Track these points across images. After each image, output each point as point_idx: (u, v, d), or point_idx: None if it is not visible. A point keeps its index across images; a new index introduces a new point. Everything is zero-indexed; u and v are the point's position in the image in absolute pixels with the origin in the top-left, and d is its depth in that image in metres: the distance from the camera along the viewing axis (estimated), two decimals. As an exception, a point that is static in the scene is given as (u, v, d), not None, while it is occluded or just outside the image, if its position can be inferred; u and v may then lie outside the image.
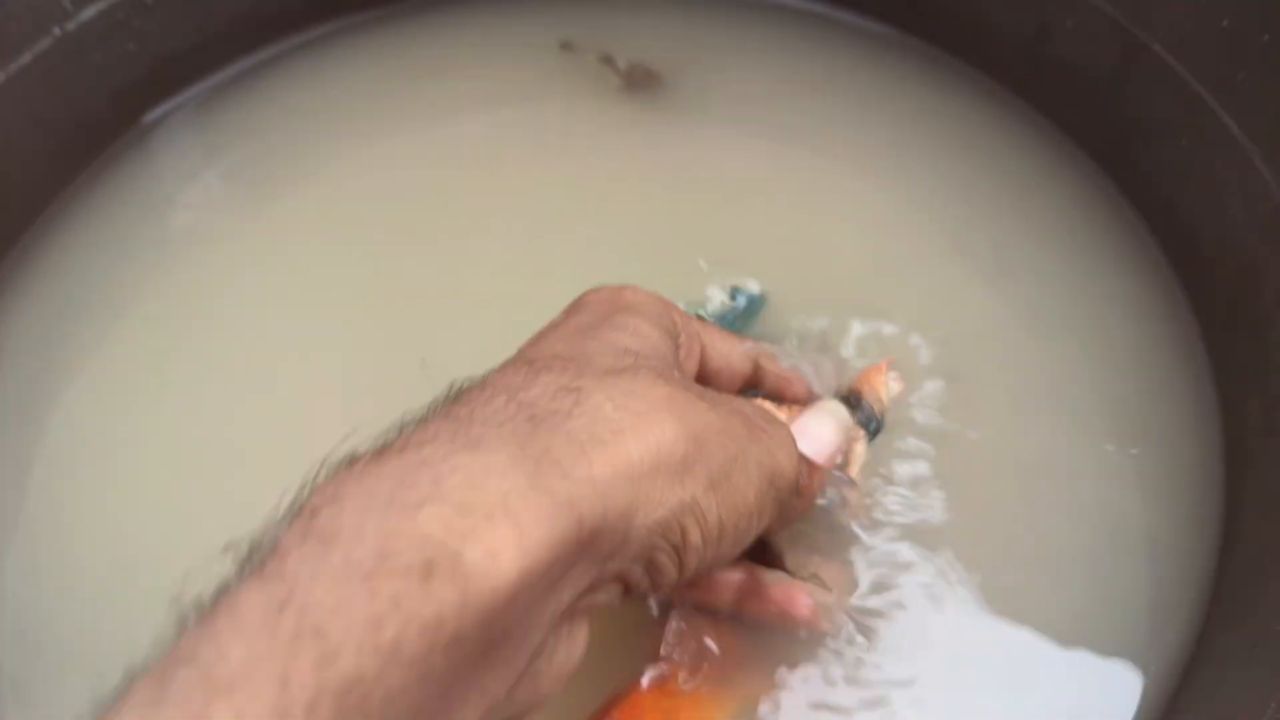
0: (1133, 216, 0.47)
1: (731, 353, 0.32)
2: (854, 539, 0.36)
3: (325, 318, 0.45)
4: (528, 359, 0.25)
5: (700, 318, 0.35)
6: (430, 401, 0.24)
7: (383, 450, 0.21)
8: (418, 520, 0.18)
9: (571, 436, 0.22)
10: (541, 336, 0.28)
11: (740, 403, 0.27)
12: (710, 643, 0.32)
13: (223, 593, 0.18)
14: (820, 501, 0.32)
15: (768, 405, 0.33)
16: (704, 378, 0.31)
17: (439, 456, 0.20)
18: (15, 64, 0.45)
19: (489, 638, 0.19)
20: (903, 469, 0.39)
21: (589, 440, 0.22)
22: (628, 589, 0.24)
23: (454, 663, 0.18)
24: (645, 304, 0.29)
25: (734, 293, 0.44)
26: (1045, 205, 0.48)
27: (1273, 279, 0.38)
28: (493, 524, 0.19)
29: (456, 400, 0.23)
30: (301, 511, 0.19)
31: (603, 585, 0.23)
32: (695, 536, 0.24)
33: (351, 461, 0.20)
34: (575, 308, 0.29)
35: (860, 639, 0.35)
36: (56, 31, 0.46)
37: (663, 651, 0.31)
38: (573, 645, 0.23)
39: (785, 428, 0.28)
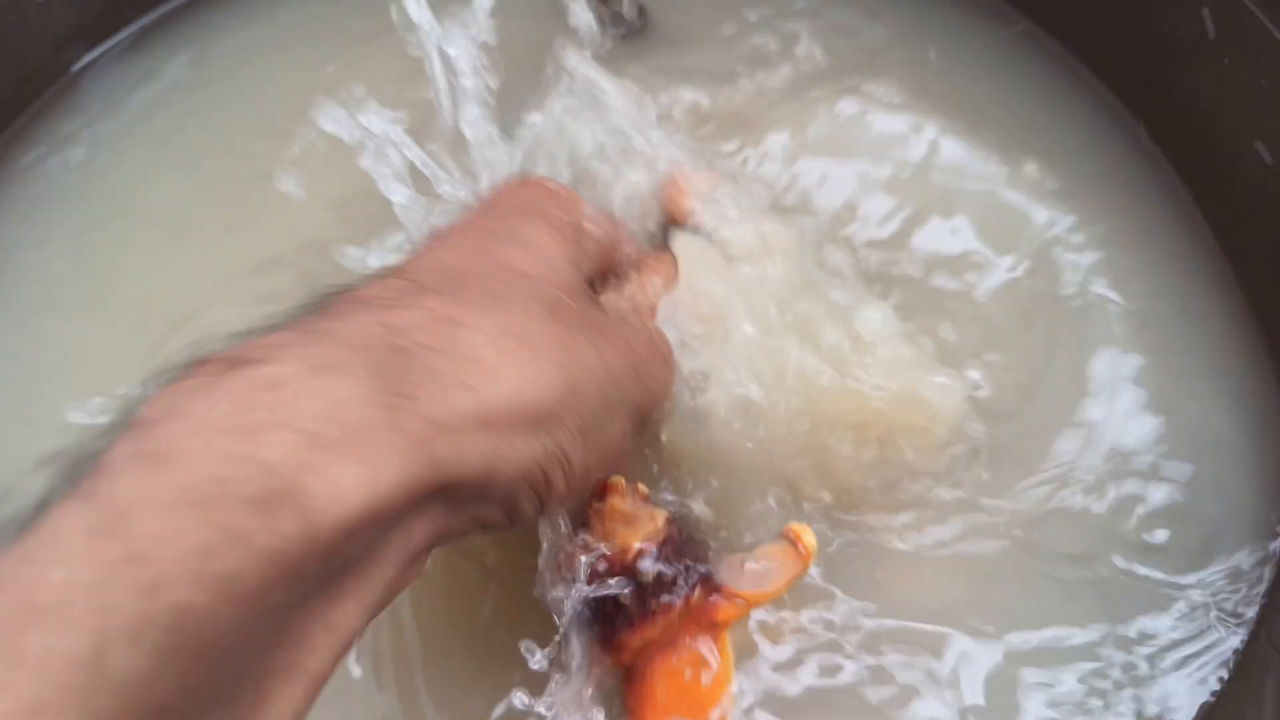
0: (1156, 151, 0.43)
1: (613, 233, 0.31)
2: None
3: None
4: (412, 273, 0.24)
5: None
6: (288, 308, 0.22)
7: (226, 360, 0.19)
8: (261, 446, 0.17)
9: (438, 376, 0.21)
10: (439, 238, 0.27)
11: (631, 331, 0.27)
12: None
13: (43, 511, 0.17)
14: None
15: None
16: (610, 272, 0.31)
17: (288, 377, 0.18)
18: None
19: (330, 572, 0.18)
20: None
21: (456, 383, 0.21)
22: (484, 527, 0.24)
23: (294, 596, 0.18)
24: (552, 206, 0.28)
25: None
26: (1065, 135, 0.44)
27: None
28: (343, 458, 0.18)
29: (316, 310, 0.22)
30: (132, 425, 0.18)
31: (460, 525, 0.23)
32: (559, 482, 0.24)
33: (190, 370, 0.19)
34: (486, 203, 0.28)
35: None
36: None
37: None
38: (417, 569, 0.23)
39: (666, 345, 0.28)
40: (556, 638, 0.28)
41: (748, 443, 0.31)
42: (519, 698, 0.29)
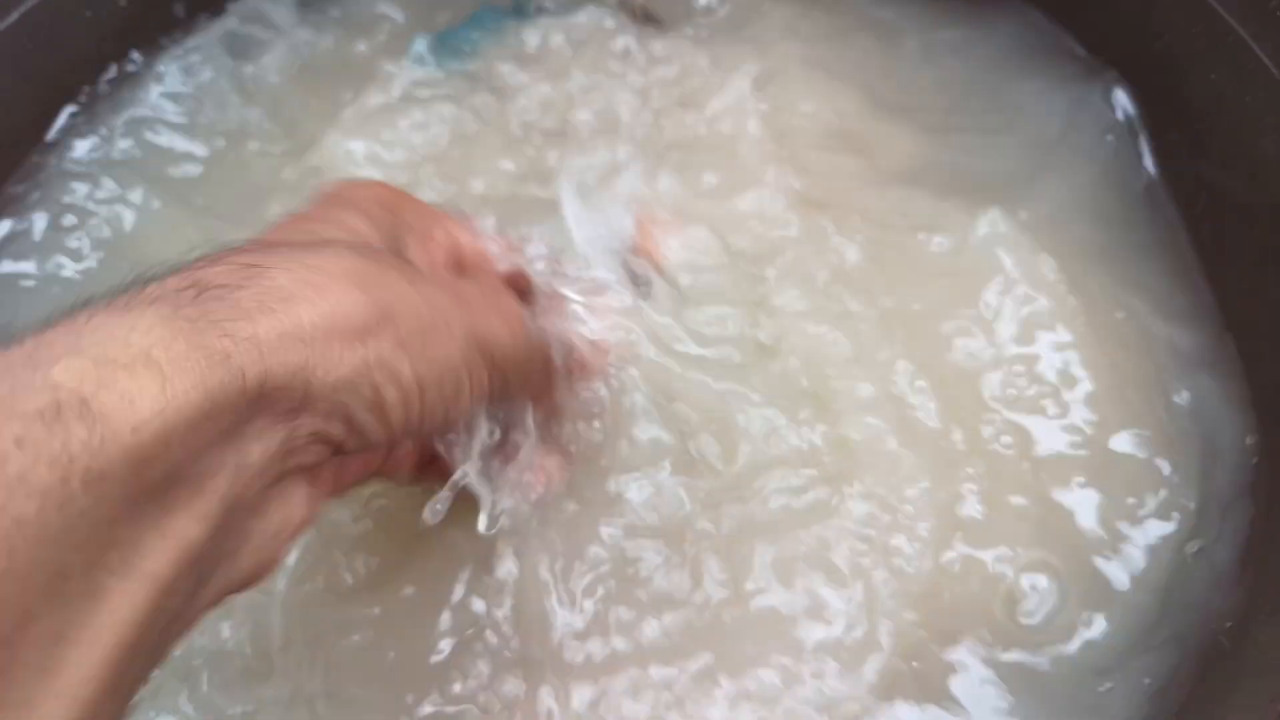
0: (1161, 146, 0.46)
1: (489, 244, 0.35)
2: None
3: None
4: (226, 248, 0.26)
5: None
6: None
7: (39, 328, 0.20)
8: (50, 373, 0.19)
9: (237, 304, 0.22)
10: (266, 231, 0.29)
11: (461, 284, 0.29)
12: None
13: None
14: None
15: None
16: (464, 272, 0.33)
17: (82, 320, 0.20)
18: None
19: (147, 478, 0.19)
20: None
21: (256, 308, 0.22)
22: (338, 449, 0.25)
23: (105, 498, 0.19)
24: (365, 199, 0.30)
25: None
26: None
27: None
28: (131, 373, 0.19)
29: (131, 286, 0.23)
30: None
31: (303, 445, 0.24)
32: (391, 394, 0.25)
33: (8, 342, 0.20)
34: (310, 201, 0.31)
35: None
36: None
37: None
38: (288, 507, 0.25)
39: (512, 306, 0.30)
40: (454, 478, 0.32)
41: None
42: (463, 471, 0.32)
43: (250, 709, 0.35)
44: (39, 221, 0.48)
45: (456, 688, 0.35)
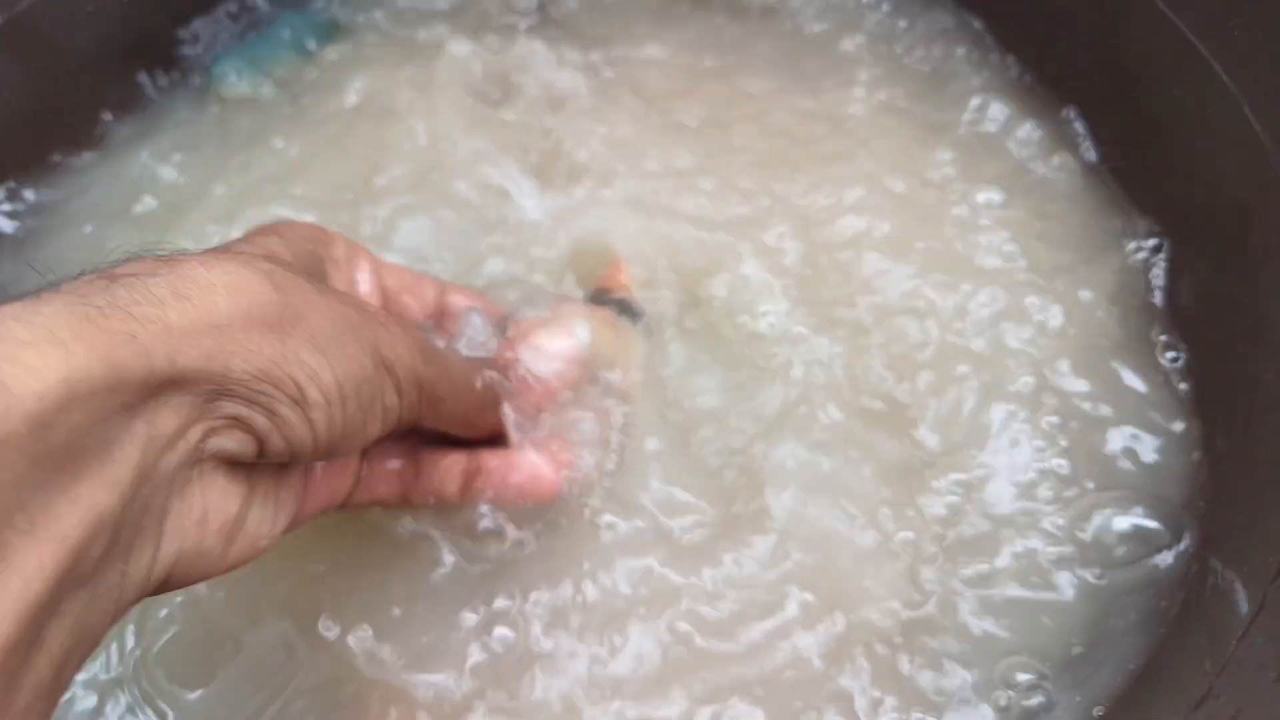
0: (1120, 162, 0.48)
1: (413, 285, 0.36)
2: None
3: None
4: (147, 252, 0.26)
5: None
6: None
7: None
8: None
9: (148, 292, 0.23)
10: None
11: (362, 302, 0.30)
12: None
13: None
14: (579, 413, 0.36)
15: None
16: (387, 305, 0.35)
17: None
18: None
19: (51, 443, 0.20)
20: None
21: (169, 295, 0.23)
22: (261, 442, 0.25)
23: (9, 462, 0.19)
24: (287, 230, 0.32)
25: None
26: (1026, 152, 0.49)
27: (1260, 225, 0.39)
28: (35, 349, 0.20)
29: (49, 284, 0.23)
30: None
31: (223, 429, 0.24)
32: (314, 393, 0.26)
33: None
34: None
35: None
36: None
37: None
38: (211, 494, 0.25)
39: (410, 332, 0.30)
40: None
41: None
42: None
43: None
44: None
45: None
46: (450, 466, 0.34)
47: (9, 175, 0.50)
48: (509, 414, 0.34)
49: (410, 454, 0.34)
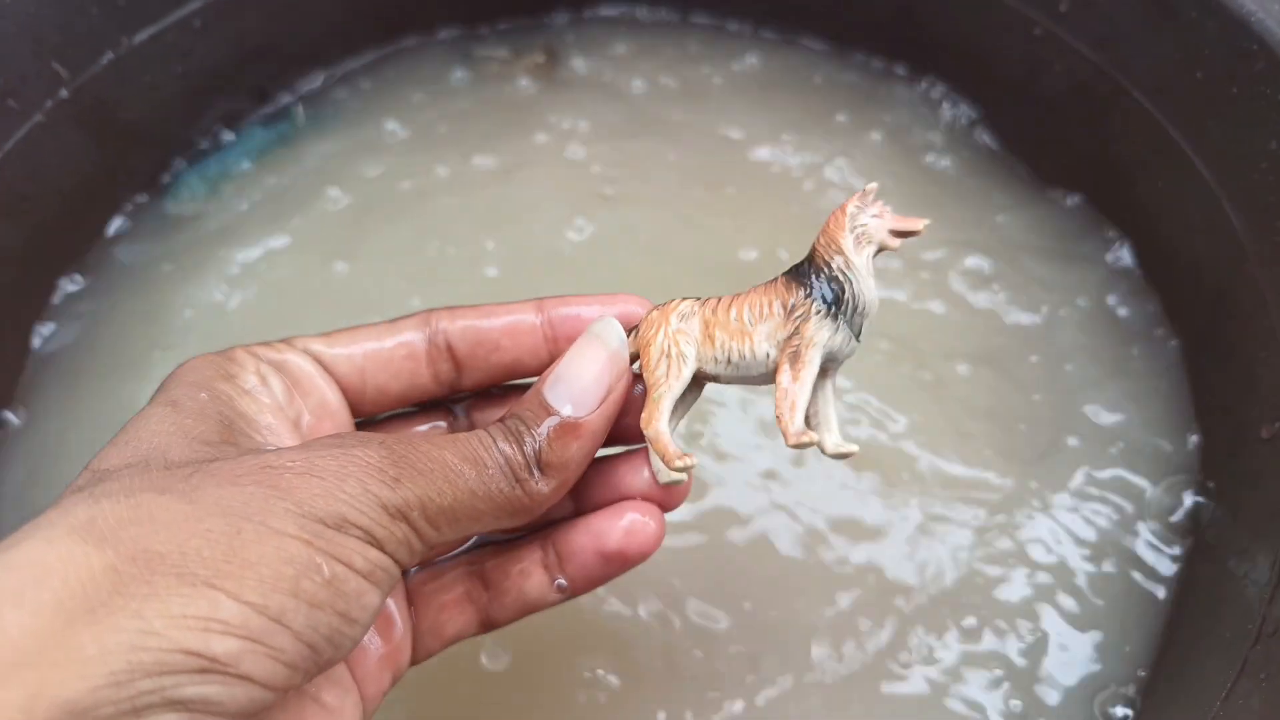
0: (1117, 242, 0.51)
1: (486, 320, 0.29)
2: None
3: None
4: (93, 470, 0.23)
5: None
6: None
7: None
8: None
9: None
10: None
11: (271, 455, 0.22)
12: None
13: None
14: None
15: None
16: (359, 403, 0.29)
17: None
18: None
19: None
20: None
21: None
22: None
23: None
24: (178, 385, 0.25)
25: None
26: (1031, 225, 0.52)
27: (1242, 306, 0.42)
28: None
29: None
30: None
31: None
32: (226, 645, 0.19)
33: None
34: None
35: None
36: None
37: None
38: None
39: (352, 459, 0.22)
40: None
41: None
42: None
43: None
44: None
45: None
46: (526, 566, 0.28)
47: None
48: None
49: (472, 568, 0.29)
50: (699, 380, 0.28)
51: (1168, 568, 0.41)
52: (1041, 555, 0.42)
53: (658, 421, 0.27)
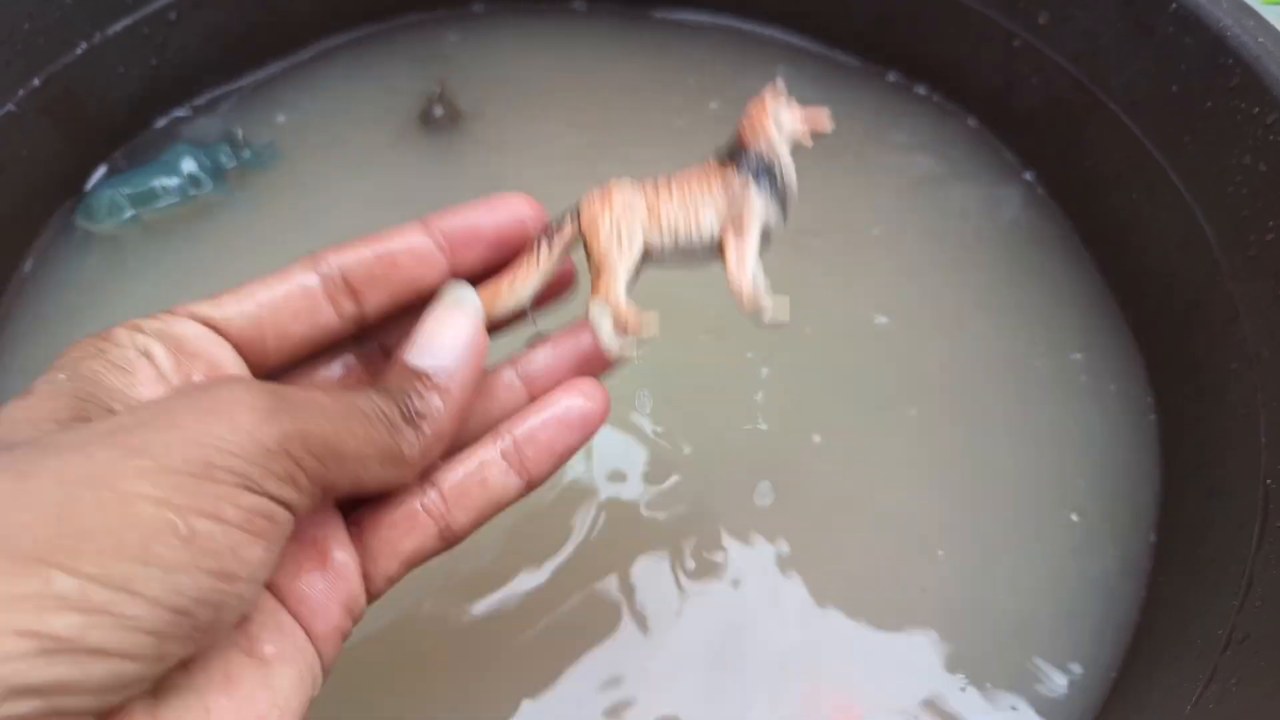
0: (1087, 254, 0.52)
1: (381, 243, 0.28)
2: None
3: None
4: None
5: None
6: None
7: None
8: None
9: None
10: None
11: (124, 417, 0.21)
12: None
13: None
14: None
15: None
16: (260, 358, 0.27)
17: None
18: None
19: None
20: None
21: None
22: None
23: None
24: (55, 362, 0.24)
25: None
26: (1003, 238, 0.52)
27: (1213, 323, 0.43)
28: None
29: None
30: None
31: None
32: (66, 621, 0.18)
33: None
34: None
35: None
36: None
37: None
38: None
39: (218, 398, 0.21)
40: None
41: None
42: None
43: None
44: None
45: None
46: (484, 459, 0.28)
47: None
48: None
49: (421, 476, 0.28)
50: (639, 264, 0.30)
51: (1139, 577, 0.42)
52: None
53: (615, 293, 0.28)
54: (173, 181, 0.51)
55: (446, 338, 0.27)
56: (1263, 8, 0.53)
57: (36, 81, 0.47)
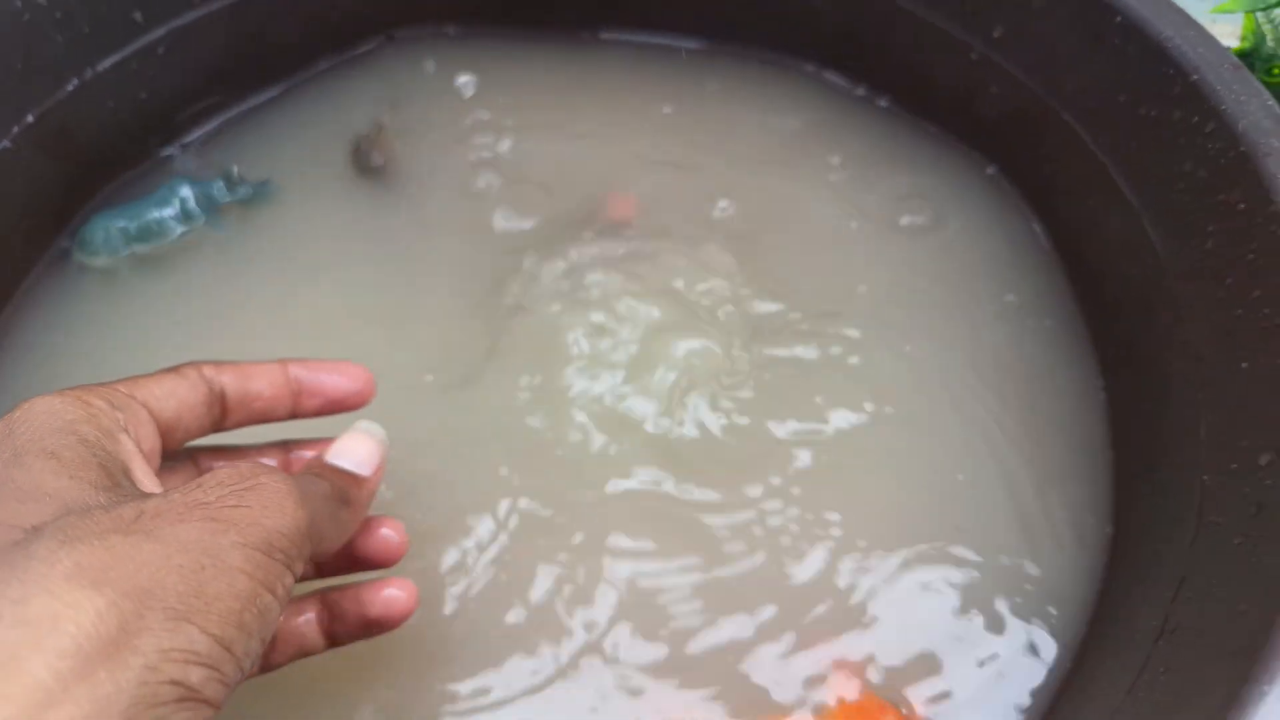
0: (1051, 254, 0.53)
1: (251, 379, 0.33)
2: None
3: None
4: None
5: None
6: None
7: None
8: None
9: None
10: None
11: (198, 492, 0.24)
12: None
13: None
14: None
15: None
16: (167, 444, 0.30)
17: None
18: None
19: None
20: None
21: None
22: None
23: None
24: (44, 433, 0.25)
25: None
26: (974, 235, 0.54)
27: (1160, 324, 0.44)
28: None
29: None
30: None
31: None
32: (198, 675, 0.21)
33: None
34: None
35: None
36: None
37: None
38: None
39: (267, 488, 0.25)
40: None
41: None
42: None
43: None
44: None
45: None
46: (298, 626, 0.33)
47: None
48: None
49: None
50: None
51: (1094, 571, 0.43)
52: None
53: None
54: (168, 214, 0.52)
55: (361, 447, 0.32)
56: (1212, 15, 0.54)
57: (30, 118, 0.49)
